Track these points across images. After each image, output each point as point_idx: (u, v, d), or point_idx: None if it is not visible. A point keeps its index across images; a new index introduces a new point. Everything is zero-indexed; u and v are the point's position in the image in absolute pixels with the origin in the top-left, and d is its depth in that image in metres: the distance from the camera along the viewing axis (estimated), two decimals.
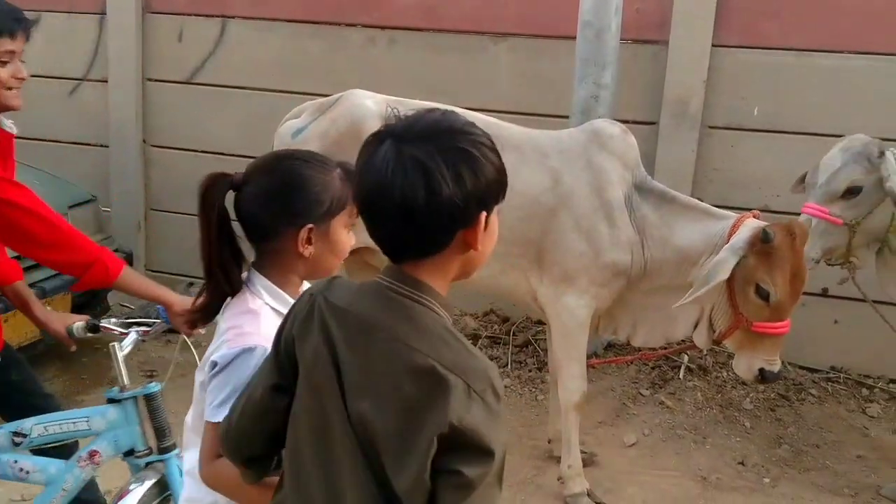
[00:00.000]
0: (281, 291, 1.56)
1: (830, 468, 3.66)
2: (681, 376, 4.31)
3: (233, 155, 5.03)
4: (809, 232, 3.23)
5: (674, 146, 4.40)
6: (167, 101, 5.38)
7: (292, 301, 1.43)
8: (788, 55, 4.33)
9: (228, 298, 1.58)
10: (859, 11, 4.21)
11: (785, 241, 2.88)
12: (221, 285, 1.55)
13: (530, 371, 4.37)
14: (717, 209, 3.21)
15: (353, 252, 3.33)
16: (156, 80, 5.40)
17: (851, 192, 3.32)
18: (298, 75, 5.04)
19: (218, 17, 5.21)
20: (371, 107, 3.22)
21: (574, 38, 4.13)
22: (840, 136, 4.20)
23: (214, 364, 1.49)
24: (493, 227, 1.28)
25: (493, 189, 1.25)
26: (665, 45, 4.43)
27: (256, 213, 1.53)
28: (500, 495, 1.23)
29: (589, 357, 3.51)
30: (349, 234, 1.59)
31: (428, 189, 1.17)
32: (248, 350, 1.47)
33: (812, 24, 4.29)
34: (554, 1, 4.58)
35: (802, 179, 3.53)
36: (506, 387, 4.23)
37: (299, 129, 3.25)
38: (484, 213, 1.24)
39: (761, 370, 2.96)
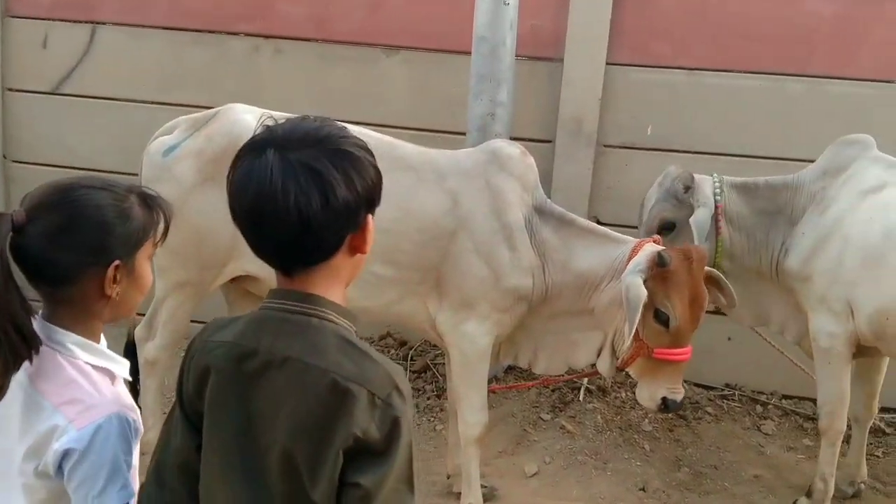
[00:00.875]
0: (94, 345, 1.38)
1: (729, 490, 3.65)
2: (581, 398, 4.22)
3: (103, 171, 4.63)
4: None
5: (570, 164, 4.33)
6: (29, 112, 4.92)
7: (108, 351, 1.32)
8: (679, 74, 4.34)
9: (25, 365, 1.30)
10: (747, 32, 4.26)
11: (682, 265, 2.81)
12: (17, 348, 1.27)
13: (429, 399, 4.20)
14: (616, 233, 3.14)
15: (234, 280, 3.14)
16: (17, 91, 4.93)
17: (666, 227, 3.38)
18: (176, 86, 4.71)
19: (87, 22, 4.80)
20: (252, 123, 2.97)
21: (469, 52, 4.01)
22: (731, 155, 4.30)
23: (65, 453, 1.27)
24: (373, 231, 1.28)
25: (377, 190, 1.26)
26: (560, 62, 4.37)
27: (50, 256, 1.32)
28: (412, 499, 1.23)
29: (489, 382, 3.37)
30: (149, 267, 1.45)
31: (322, 194, 1.16)
32: (103, 424, 1.30)
33: (702, 44, 4.31)
34: (448, 14, 4.45)
35: None
36: None
37: (171, 146, 2.97)
38: (370, 216, 1.25)
39: (664, 399, 2.88)
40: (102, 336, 1.43)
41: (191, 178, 2.95)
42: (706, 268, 2.94)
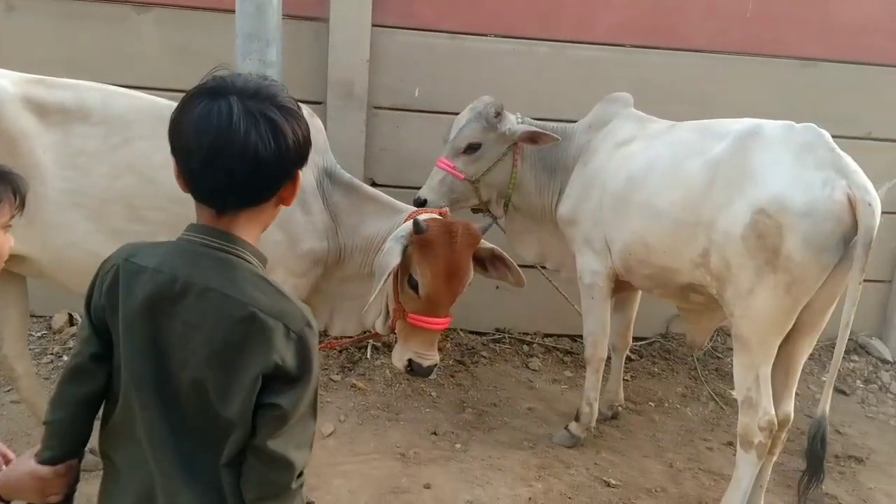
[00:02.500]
0: None
1: (509, 424, 3.96)
2: (368, 356, 4.33)
3: None
4: (435, 184, 3.65)
5: (343, 127, 4.35)
6: None
7: None
8: (442, 37, 4.51)
9: None
10: None
11: (440, 236, 2.81)
12: None
13: None
14: (396, 202, 3.18)
15: None
16: None
17: (472, 147, 3.70)
18: None
19: None
20: (7, 88, 2.67)
21: (229, 10, 3.85)
22: None
23: None
24: (300, 188, 1.42)
25: (308, 149, 1.40)
26: (325, 22, 4.35)
27: None
28: (314, 425, 1.42)
29: None
30: (7, 235, 1.53)
31: (276, 140, 1.30)
32: None
33: (462, 8, 4.51)
34: None
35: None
36: None
37: None
38: (300, 171, 1.39)
39: (410, 362, 2.92)
40: None
41: None
42: (492, 247, 3.05)
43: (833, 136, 2.94)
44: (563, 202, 3.70)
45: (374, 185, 4.54)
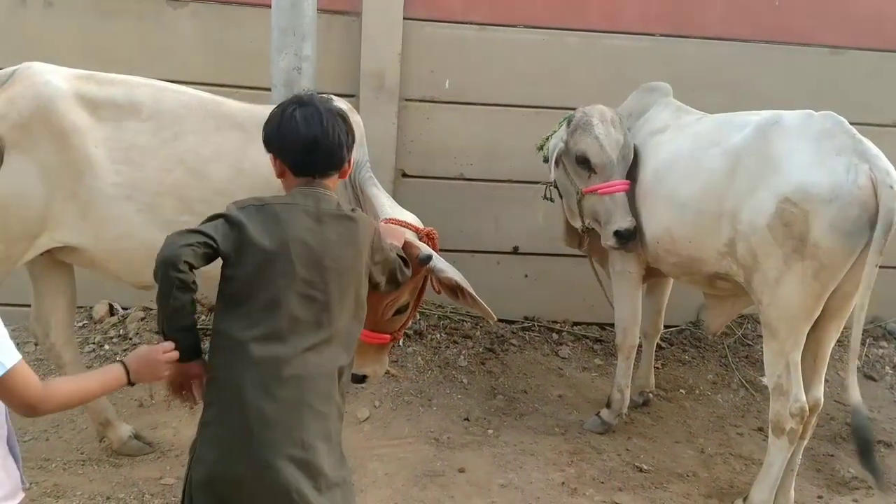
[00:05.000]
0: None
1: (540, 411, 4.02)
2: (400, 343, 4.41)
3: None
4: (623, 208, 3.43)
5: (374, 119, 4.41)
6: None
7: None
8: (471, 29, 4.56)
9: None
10: None
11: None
12: None
13: None
14: (390, 209, 2.90)
15: (44, 253, 2.91)
16: None
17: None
18: None
19: None
20: (59, 85, 2.76)
21: (264, 5, 3.92)
22: (520, 106, 4.60)
23: None
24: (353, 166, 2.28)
25: (354, 140, 2.08)
26: (358, 16, 4.41)
27: None
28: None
29: None
30: None
31: (345, 132, 2.02)
32: None
33: (488, 0, 4.56)
34: None
35: (541, 149, 3.76)
36: None
37: None
38: (352, 156, 2.08)
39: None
40: None
41: None
42: (456, 280, 2.54)
43: (861, 124, 2.96)
44: None
45: (404, 175, 4.64)
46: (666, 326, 4.33)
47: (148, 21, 4.38)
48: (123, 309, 4.65)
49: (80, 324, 4.51)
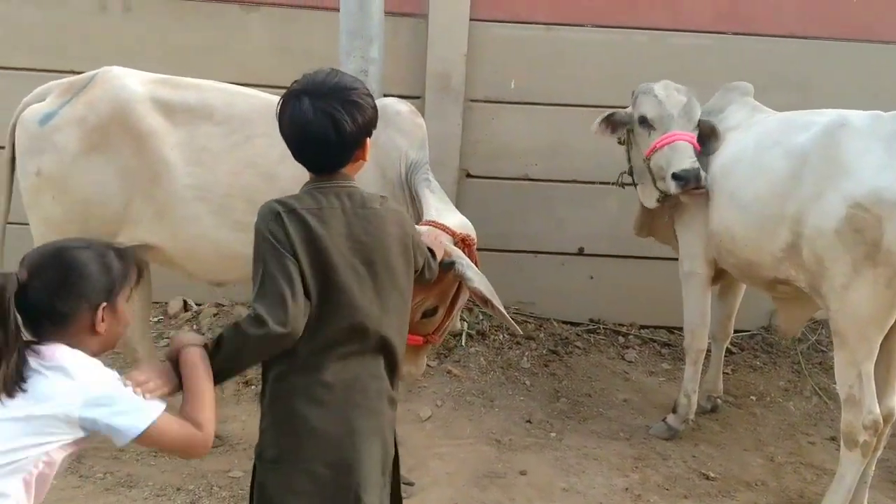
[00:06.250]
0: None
1: (604, 415, 3.98)
2: (463, 343, 4.43)
3: None
4: (685, 153, 3.32)
5: (439, 120, 4.44)
6: None
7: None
8: (538, 29, 4.54)
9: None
10: None
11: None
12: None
13: None
14: (435, 210, 2.86)
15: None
16: None
17: (698, 123, 3.53)
18: (12, 49, 4.39)
19: None
20: (136, 89, 2.87)
21: (332, 9, 3.99)
22: (587, 105, 4.54)
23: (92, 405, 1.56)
24: (370, 148, 1.91)
25: (374, 122, 1.89)
26: (424, 18, 4.44)
27: (50, 304, 1.62)
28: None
29: None
30: (128, 307, 1.75)
31: (335, 128, 1.79)
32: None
33: (553, 0, 4.53)
34: None
35: (606, 119, 3.68)
36: None
37: (48, 113, 2.80)
38: (368, 138, 1.88)
39: None
40: None
41: (74, 148, 2.80)
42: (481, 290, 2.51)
43: None
44: None
45: (468, 176, 4.65)
46: (737, 331, 4.23)
47: (221, 25, 4.50)
48: (197, 305, 4.79)
49: (156, 319, 4.67)
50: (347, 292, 1.81)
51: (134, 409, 1.59)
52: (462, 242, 2.56)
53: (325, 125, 1.76)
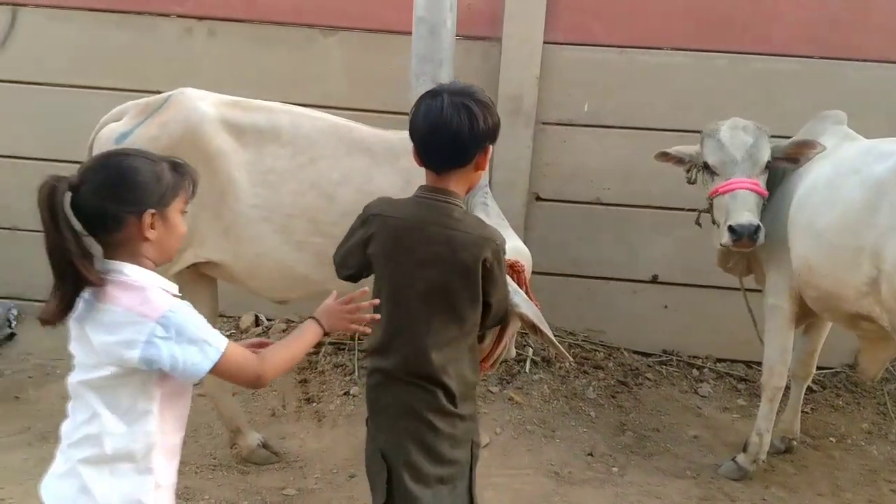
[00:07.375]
0: (146, 271, 1.71)
1: (671, 451, 3.82)
2: (527, 370, 4.34)
3: (28, 158, 4.53)
4: (743, 205, 3.21)
5: (510, 142, 4.41)
6: None
7: (158, 276, 1.72)
8: (612, 52, 4.46)
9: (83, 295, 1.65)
10: (674, 11, 4.42)
11: None
12: (84, 279, 1.62)
13: None
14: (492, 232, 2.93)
15: (190, 266, 3.11)
16: None
17: (767, 166, 3.40)
18: (101, 70, 4.60)
19: (8, 4, 4.61)
20: (207, 111, 2.96)
21: (408, 33, 4.02)
22: (662, 129, 4.42)
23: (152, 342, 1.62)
24: (489, 156, 2.04)
25: (498, 129, 2.00)
26: (497, 41, 4.43)
27: (101, 206, 1.66)
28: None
29: None
30: (182, 219, 1.78)
31: (469, 122, 1.91)
32: (173, 310, 1.65)
33: (633, 23, 4.44)
34: None
35: (664, 155, 3.60)
36: (353, 395, 4.08)
37: (124, 133, 2.91)
38: (490, 146, 2.01)
39: None
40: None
41: None
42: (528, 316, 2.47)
43: None
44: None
45: (538, 199, 4.59)
46: (819, 368, 4.01)
47: (300, 49, 4.60)
48: (268, 320, 4.89)
49: (228, 332, 4.77)
50: (399, 305, 2.02)
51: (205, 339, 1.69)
52: (511, 269, 2.51)
53: (459, 116, 1.90)
